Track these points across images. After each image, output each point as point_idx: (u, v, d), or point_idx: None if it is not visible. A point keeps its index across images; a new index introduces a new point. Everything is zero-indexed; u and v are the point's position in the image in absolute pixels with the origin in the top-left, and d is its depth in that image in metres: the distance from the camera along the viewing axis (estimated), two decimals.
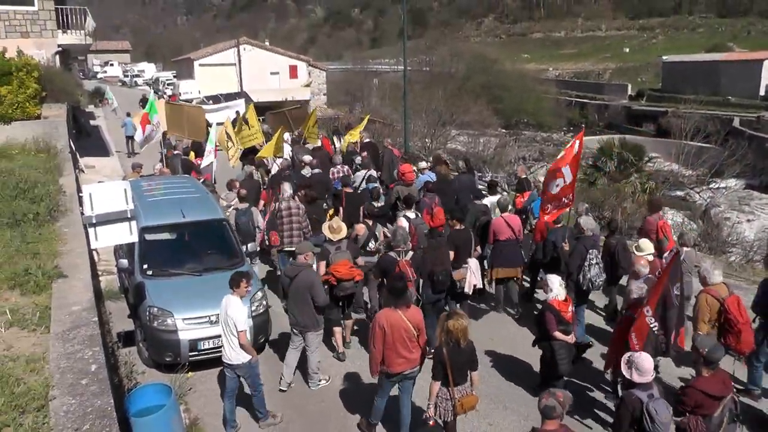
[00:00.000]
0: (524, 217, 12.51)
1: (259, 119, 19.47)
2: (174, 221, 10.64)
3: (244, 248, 10.77)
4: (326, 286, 9.08)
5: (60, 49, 24.47)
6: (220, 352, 7.78)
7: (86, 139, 28.00)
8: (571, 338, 7.92)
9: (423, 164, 15.74)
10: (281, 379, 8.89)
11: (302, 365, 9.00)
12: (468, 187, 14.04)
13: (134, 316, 9.93)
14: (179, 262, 10.21)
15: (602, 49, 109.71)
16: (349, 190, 13.34)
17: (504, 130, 52.05)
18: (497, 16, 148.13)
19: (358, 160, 16.19)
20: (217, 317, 8.90)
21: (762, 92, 62.89)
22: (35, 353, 6.23)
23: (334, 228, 9.76)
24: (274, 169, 16.26)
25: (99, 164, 22.85)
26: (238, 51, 53.25)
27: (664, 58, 79.42)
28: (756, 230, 24.67)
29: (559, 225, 10.72)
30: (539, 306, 10.82)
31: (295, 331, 8.75)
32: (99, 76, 77.03)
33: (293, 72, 56.53)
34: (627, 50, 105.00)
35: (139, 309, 9.42)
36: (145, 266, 9.87)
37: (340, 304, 9.59)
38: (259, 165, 17.17)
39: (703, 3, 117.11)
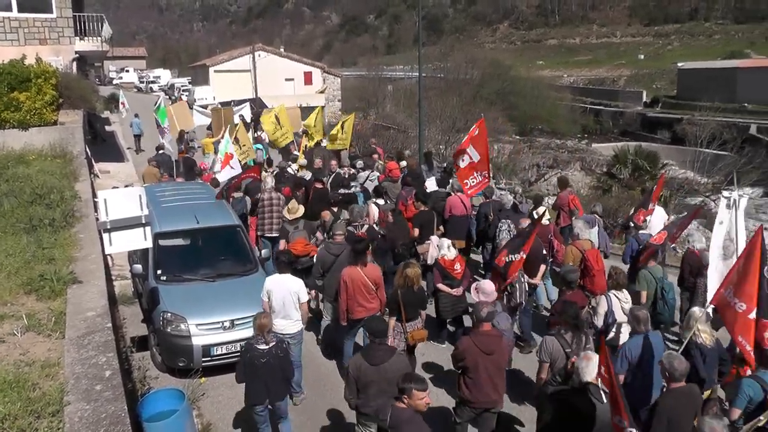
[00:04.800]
0: None
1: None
2: (188, 227, 10.69)
3: (258, 254, 10.82)
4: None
5: (77, 56, 24.68)
6: (233, 357, 7.79)
7: (102, 144, 28.20)
8: (455, 291, 9.45)
9: (404, 162, 16.56)
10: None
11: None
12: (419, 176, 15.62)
13: (148, 321, 9.98)
14: (193, 267, 10.25)
15: (617, 56, 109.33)
16: (318, 185, 14.05)
17: (518, 137, 51.95)
18: (512, 23, 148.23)
19: (359, 164, 16.93)
20: (231, 323, 8.99)
21: None
22: (50, 358, 6.28)
23: (291, 209, 11.72)
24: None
25: (114, 169, 23.02)
26: (253, 57, 53.60)
27: (680, 64, 79.03)
28: None
29: (487, 200, 12.69)
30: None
31: (331, 301, 9.73)
32: (115, 82, 77.57)
33: (308, 78, 56.84)
34: (642, 57, 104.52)
35: (153, 314, 9.47)
36: (159, 272, 9.92)
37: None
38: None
39: (719, 9, 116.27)
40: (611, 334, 8.05)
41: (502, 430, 7.55)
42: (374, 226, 11.39)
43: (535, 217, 10.84)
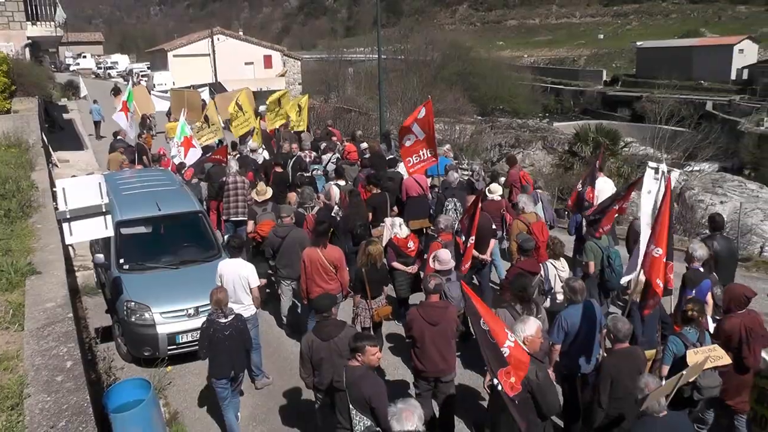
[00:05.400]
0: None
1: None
2: (150, 214, 10.49)
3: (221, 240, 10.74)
4: (253, 242, 10.88)
5: (30, 41, 24.04)
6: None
7: (60, 132, 27.57)
8: (410, 269, 9.64)
9: (365, 145, 16.67)
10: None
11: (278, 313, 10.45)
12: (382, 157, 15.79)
13: (112, 311, 9.81)
14: (156, 255, 10.09)
15: (577, 36, 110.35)
16: (278, 169, 14.18)
17: (480, 117, 52.16)
18: (471, 4, 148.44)
19: (322, 146, 16.95)
20: (195, 310, 8.92)
21: (733, 76, 63.72)
22: (9, 351, 6.13)
23: (259, 191, 11.84)
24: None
25: (73, 158, 22.50)
26: (212, 41, 52.88)
27: (638, 44, 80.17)
28: (728, 212, 24.99)
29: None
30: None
31: (286, 282, 9.86)
32: (72, 68, 75.72)
33: (268, 62, 56.27)
34: (601, 36, 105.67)
35: (117, 304, 9.32)
36: (122, 260, 9.76)
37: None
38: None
39: None
40: (548, 302, 8.44)
41: (461, 400, 7.68)
42: (335, 207, 11.44)
43: (487, 195, 11.39)
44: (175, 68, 51.52)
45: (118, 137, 19.43)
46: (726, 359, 6.34)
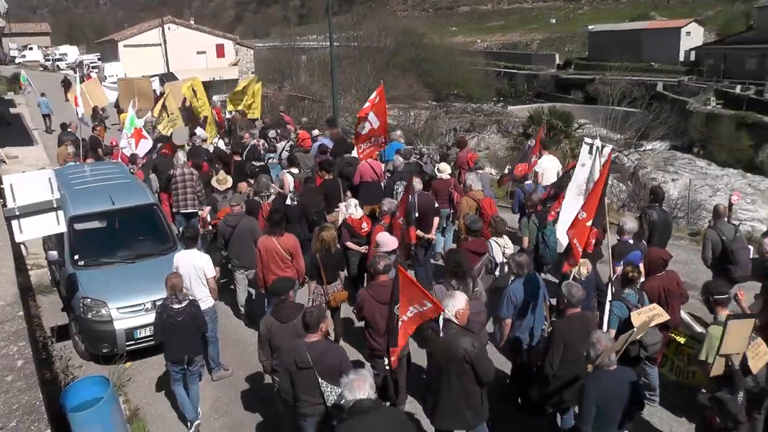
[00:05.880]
0: None
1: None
2: (103, 209, 10.28)
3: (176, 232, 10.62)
4: (214, 229, 10.84)
5: None
6: None
7: (6, 128, 26.85)
8: (363, 249, 9.80)
9: (316, 131, 16.70)
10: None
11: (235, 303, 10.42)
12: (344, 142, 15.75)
13: (68, 309, 9.62)
14: (111, 250, 9.92)
15: (529, 21, 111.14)
16: (237, 158, 14.27)
17: (434, 103, 52.27)
18: None
19: (272, 134, 16.85)
20: (153, 304, 8.79)
21: (681, 58, 65.08)
22: None
23: (220, 180, 11.93)
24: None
25: (23, 154, 21.99)
26: (163, 31, 51.93)
27: (590, 27, 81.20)
28: (679, 188, 25.64)
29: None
30: None
31: (240, 272, 9.88)
32: (17, 61, 73.55)
33: (220, 51, 55.57)
34: (554, 21, 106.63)
35: (72, 301, 9.15)
36: (76, 257, 9.57)
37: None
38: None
39: None
40: (495, 277, 8.73)
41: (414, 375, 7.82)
42: (289, 195, 11.50)
43: (436, 174, 11.87)
44: (126, 59, 50.49)
45: (68, 129, 19.04)
46: (665, 316, 6.84)
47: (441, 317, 5.80)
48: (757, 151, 41.91)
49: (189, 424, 7.60)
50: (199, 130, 16.98)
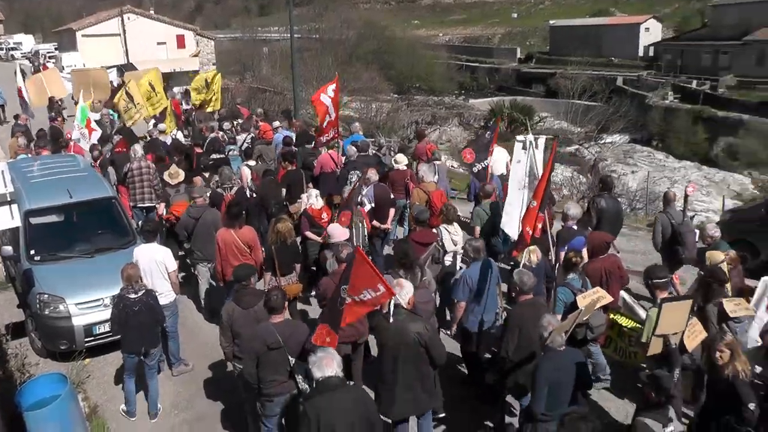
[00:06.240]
0: None
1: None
2: (60, 202, 10.05)
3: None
4: (167, 224, 10.92)
5: None
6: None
7: None
8: (320, 239, 9.71)
9: (277, 123, 16.66)
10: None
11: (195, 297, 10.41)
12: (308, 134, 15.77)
13: (24, 306, 9.46)
14: (68, 244, 9.72)
15: (491, 15, 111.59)
16: (199, 150, 14.18)
17: (396, 95, 52.37)
18: None
19: (226, 125, 17.05)
20: (112, 299, 8.62)
21: (640, 53, 66.18)
22: None
23: (172, 174, 11.95)
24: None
25: None
26: (122, 20, 50.94)
27: (551, 22, 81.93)
28: (638, 180, 26.10)
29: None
30: None
31: (203, 264, 9.80)
32: None
33: (181, 42, 54.64)
34: (515, 15, 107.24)
35: (29, 297, 8.97)
36: (32, 252, 9.37)
37: (181, 239, 10.87)
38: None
39: None
40: (446, 263, 8.97)
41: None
42: (247, 188, 11.45)
43: (394, 165, 12.11)
44: (85, 49, 49.36)
45: (18, 121, 18.64)
46: (609, 298, 7.03)
47: (391, 303, 5.87)
48: (711, 145, 42.87)
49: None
50: (158, 124, 16.79)
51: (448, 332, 8.18)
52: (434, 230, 9.01)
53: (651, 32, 68.11)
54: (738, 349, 5.56)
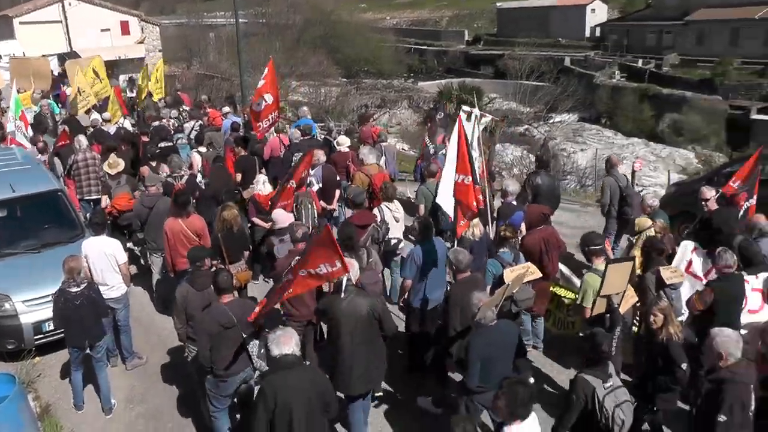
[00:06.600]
0: None
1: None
2: (3, 197, 9.75)
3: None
4: (110, 217, 10.59)
5: None
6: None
7: None
8: (267, 225, 9.73)
9: (226, 109, 16.58)
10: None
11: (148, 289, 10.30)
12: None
13: None
14: (13, 240, 9.44)
15: None
16: (145, 138, 14.03)
17: (345, 80, 52.15)
18: None
19: (174, 113, 16.92)
20: None
21: (587, 34, 67.13)
22: None
23: (111, 164, 11.69)
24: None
25: None
26: (63, 6, 49.31)
27: (498, 4, 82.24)
28: (588, 158, 26.55)
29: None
30: None
31: (156, 254, 9.64)
32: None
33: (125, 28, 53.17)
34: None
35: None
36: None
37: (124, 232, 11.13)
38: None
39: None
40: (390, 241, 9.14)
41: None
42: (197, 175, 11.40)
43: (336, 147, 12.26)
44: (24, 37, 47.64)
45: None
46: (538, 273, 7.35)
47: (344, 279, 5.93)
48: (657, 121, 43.83)
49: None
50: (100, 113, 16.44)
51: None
52: (374, 211, 9.10)
53: (597, 13, 69.09)
54: (671, 314, 5.89)
